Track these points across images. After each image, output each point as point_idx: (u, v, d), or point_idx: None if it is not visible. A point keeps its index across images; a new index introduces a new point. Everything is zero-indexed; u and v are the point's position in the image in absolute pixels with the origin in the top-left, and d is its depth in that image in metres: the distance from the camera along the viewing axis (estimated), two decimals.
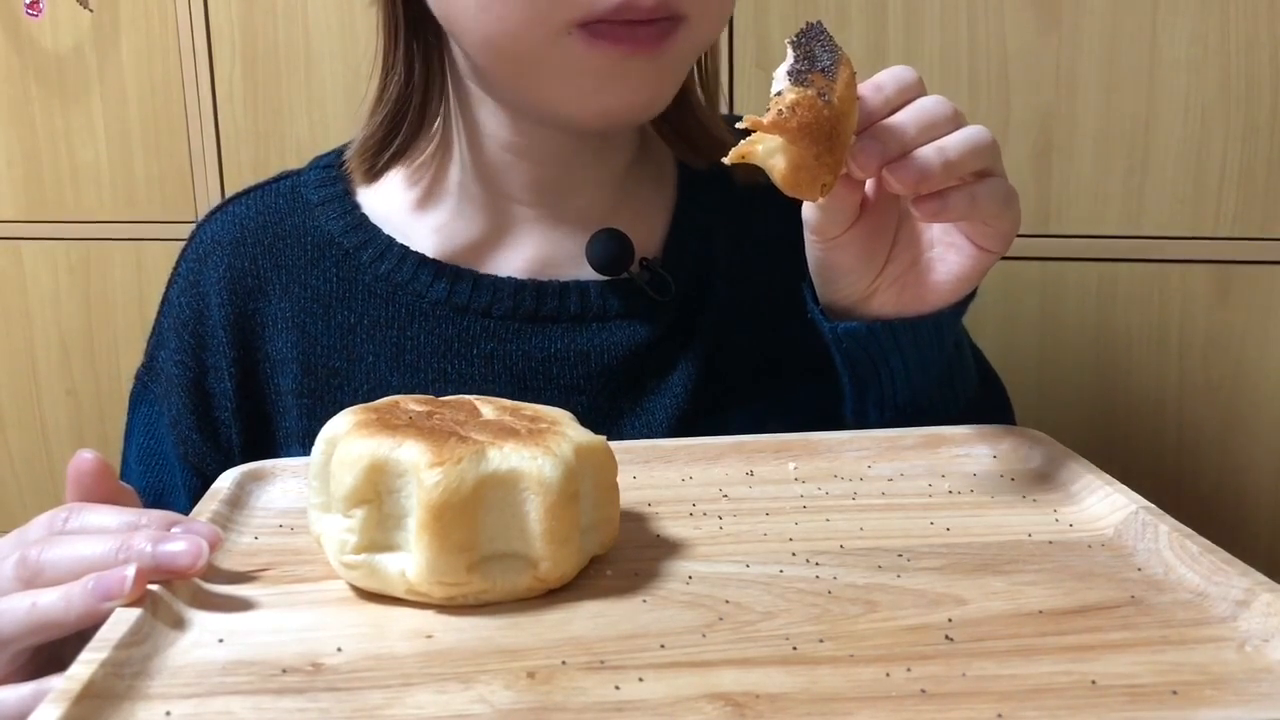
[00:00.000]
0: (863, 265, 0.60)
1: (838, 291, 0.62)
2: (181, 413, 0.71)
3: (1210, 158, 1.03)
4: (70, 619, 0.43)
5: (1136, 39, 1.02)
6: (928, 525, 0.51)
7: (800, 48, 0.51)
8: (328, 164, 0.75)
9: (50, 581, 0.44)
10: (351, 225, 0.72)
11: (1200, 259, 1.05)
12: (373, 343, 0.70)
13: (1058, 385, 1.10)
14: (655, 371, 0.70)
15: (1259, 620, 0.41)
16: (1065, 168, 1.06)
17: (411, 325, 0.70)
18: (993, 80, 1.05)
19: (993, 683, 0.38)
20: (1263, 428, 1.07)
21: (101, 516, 0.47)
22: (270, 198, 0.75)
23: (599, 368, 0.69)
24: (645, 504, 0.54)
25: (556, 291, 0.70)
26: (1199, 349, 1.06)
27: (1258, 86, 1.00)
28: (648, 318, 0.70)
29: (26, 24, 1.21)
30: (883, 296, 0.61)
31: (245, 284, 0.72)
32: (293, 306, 0.71)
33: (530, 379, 0.69)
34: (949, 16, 1.04)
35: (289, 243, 0.72)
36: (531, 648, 0.41)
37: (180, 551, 0.43)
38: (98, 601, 0.42)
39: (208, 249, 0.74)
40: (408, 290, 0.70)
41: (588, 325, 0.70)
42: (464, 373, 0.69)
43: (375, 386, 0.69)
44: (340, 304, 0.71)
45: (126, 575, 0.41)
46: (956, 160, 0.52)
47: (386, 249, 0.71)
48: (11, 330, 1.29)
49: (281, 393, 0.70)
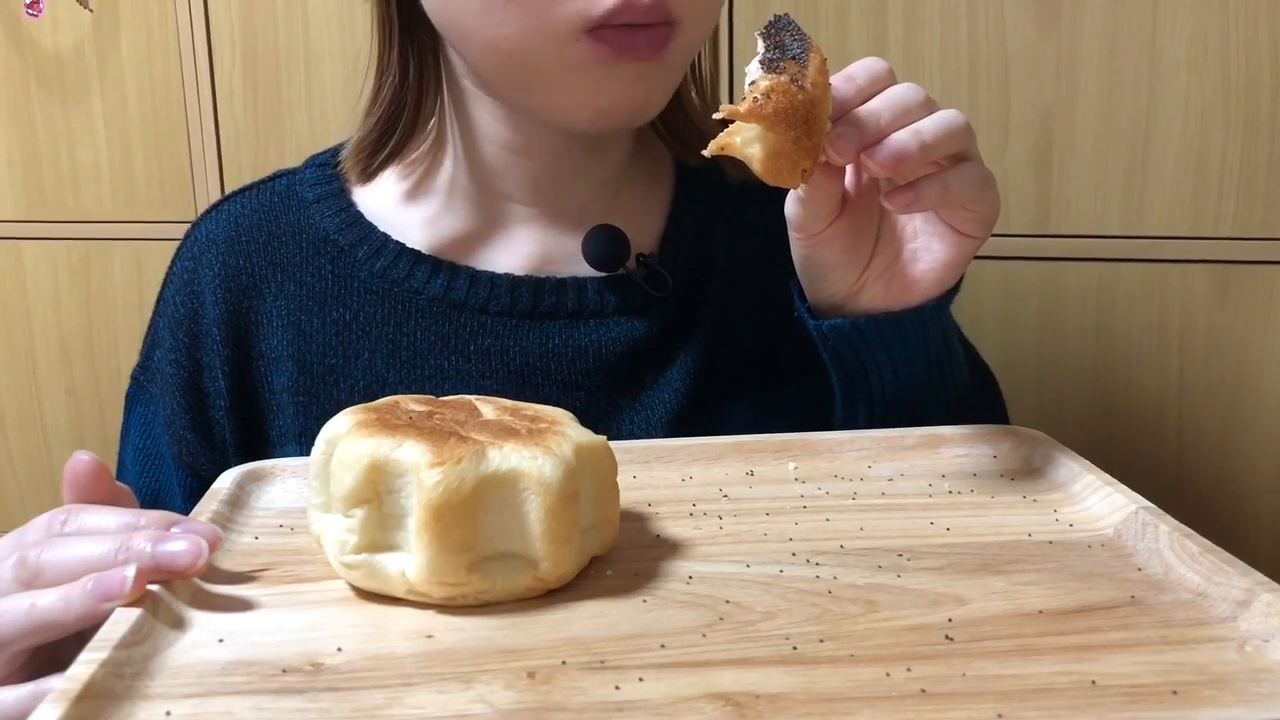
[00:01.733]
0: (848, 260, 0.60)
1: (825, 288, 0.62)
2: (176, 412, 0.71)
3: (1210, 157, 1.03)
4: (69, 620, 0.43)
5: (1137, 39, 1.02)
6: (928, 525, 0.51)
7: (770, 38, 0.52)
8: (323, 162, 0.75)
9: (50, 582, 0.44)
10: (347, 222, 0.72)
11: (1200, 259, 1.05)
12: (369, 340, 0.70)
13: (1058, 385, 1.10)
14: (653, 367, 0.70)
15: (1259, 620, 0.41)
16: (1065, 167, 1.06)
17: (408, 322, 0.70)
18: (993, 80, 1.05)
19: (993, 683, 0.38)
20: (1263, 427, 1.07)
21: (100, 518, 0.47)
22: (265, 196, 0.75)
23: (597, 364, 0.69)
24: (645, 504, 0.54)
25: (554, 288, 0.70)
26: (1199, 349, 1.06)
27: (1258, 86, 1.00)
28: (645, 314, 0.70)
29: (26, 24, 1.21)
30: (870, 291, 0.61)
31: (240, 282, 0.72)
32: (288, 304, 0.71)
33: (528, 375, 0.69)
34: (949, 16, 1.04)
35: (284, 240, 0.73)
36: (532, 648, 0.41)
37: (180, 551, 0.43)
38: (97, 602, 0.42)
39: (203, 247, 0.74)
40: (404, 287, 0.70)
41: (585, 321, 0.70)
42: (461, 369, 0.69)
43: (372, 383, 0.69)
44: (336, 301, 0.71)
45: (126, 576, 0.41)
46: (932, 142, 0.52)
47: (382, 245, 0.71)
48: (11, 330, 1.29)
49: (276, 391, 0.70)
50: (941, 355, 0.65)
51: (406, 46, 0.68)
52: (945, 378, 0.66)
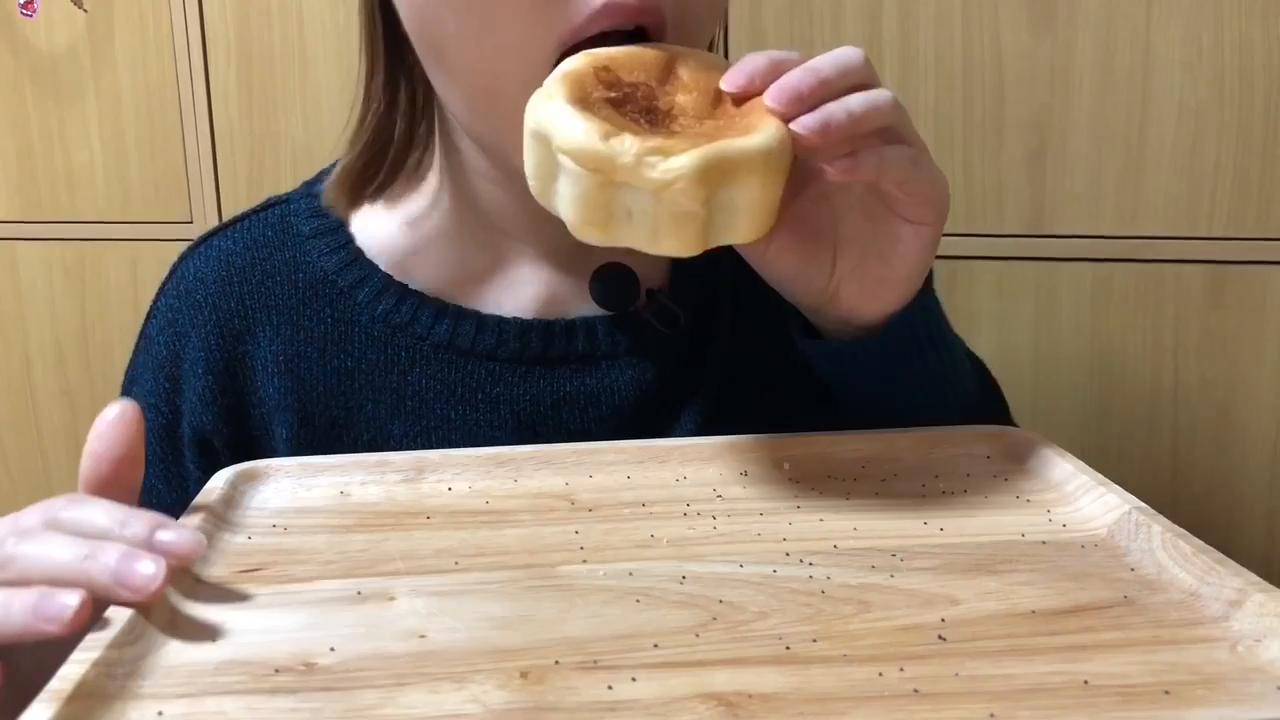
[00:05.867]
0: (811, 269, 0.59)
1: (800, 298, 0.61)
2: (150, 460, 0.66)
3: (1204, 158, 1.03)
4: (8, 630, 0.41)
5: (1130, 39, 1.02)
6: (921, 525, 0.51)
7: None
8: (318, 191, 0.72)
9: (14, 575, 0.43)
10: (346, 261, 0.69)
11: (1194, 259, 1.05)
12: (372, 389, 0.67)
13: (1052, 385, 1.10)
14: (666, 408, 0.68)
15: (1251, 620, 0.41)
16: (1060, 168, 1.06)
17: (413, 370, 0.67)
18: (987, 81, 1.05)
19: (986, 683, 0.38)
20: (1256, 427, 1.07)
21: (93, 512, 0.46)
22: (258, 229, 0.71)
23: (609, 410, 0.67)
24: (640, 504, 0.54)
25: (563, 331, 0.68)
26: (1193, 348, 1.07)
27: (1251, 87, 1.01)
28: (657, 353, 0.68)
29: (21, 24, 1.21)
30: (846, 293, 0.60)
31: (233, 326, 0.68)
32: (285, 348, 0.68)
33: (539, 424, 0.67)
34: (943, 18, 1.05)
35: (279, 280, 0.69)
36: (524, 647, 0.41)
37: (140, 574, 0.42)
38: (35, 621, 0.40)
39: (190, 286, 0.70)
40: (407, 332, 0.67)
41: (596, 365, 0.67)
42: (469, 419, 0.66)
43: (375, 436, 0.66)
44: (336, 347, 0.67)
45: (66, 603, 0.40)
46: (860, 112, 0.51)
47: (384, 288, 0.68)
48: (6, 331, 1.29)
49: (276, 440, 0.67)
50: (934, 366, 0.63)
51: (396, 72, 0.65)
52: (944, 391, 0.64)
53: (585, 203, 0.49)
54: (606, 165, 0.48)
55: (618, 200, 0.49)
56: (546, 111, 0.50)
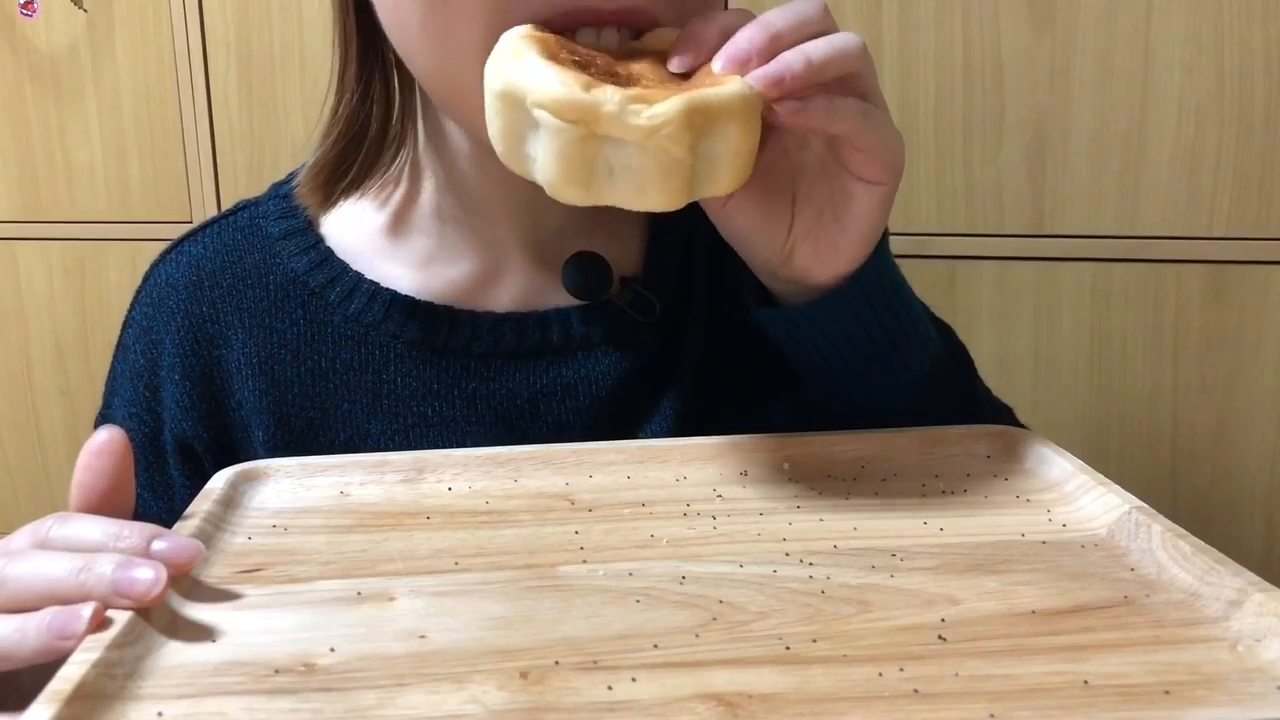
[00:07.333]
0: (769, 227, 0.58)
1: (756, 257, 0.60)
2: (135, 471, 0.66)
3: (1204, 158, 1.03)
4: (24, 654, 0.41)
5: (1131, 39, 1.02)
6: (921, 525, 0.51)
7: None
8: (286, 193, 0.71)
9: (9, 596, 0.43)
10: (316, 261, 0.68)
11: (1195, 259, 1.05)
12: (347, 389, 0.67)
13: (1052, 385, 1.10)
14: (644, 398, 0.68)
15: (1251, 620, 0.41)
16: (1060, 168, 1.06)
17: (387, 369, 0.67)
18: (987, 81, 1.05)
19: (985, 683, 0.38)
20: (1256, 427, 1.07)
21: (85, 528, 0.46)
22: (228, 233, 0.71)
23: (588, 401, 0.67)
24: (639, 503, 0.54)
25: (537, 324, 0.67)
26: (1193, 348, 1.07)
27: (1251, 86, 1.01)
28: (633, 341, 0.68)
29: (21, 23, 1.21)
30: (800, 253, 0.59)
31: (206, 331, 0.68)
32: (259, 351, 0.67)
33: (517, 419, 0.66)
34: (943, 17, 1.05)
35: (250, 284, 0.68)
36: (524, 648, 0.41)
37: (140, 580, 0.42)
38: (54, 639, 0.40)
39: (163, 293, 0.70)
40: (381, 331, 0.67)
41: (573, 356, 0.67)
42: (446, 416, 0.66)
43: (353, 435, 0.66)
44: (309, 348, 0.67)
45: (82, 615, 0.40)
46: (819, 61, 0.51)
47: (355, 287, 0.67)
48: (6, 331, 1.29)
49: (255, 443, 0.67)
50: (890, 327, 0.62)
51: (367, 61, 0.65)
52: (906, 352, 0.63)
53: (565, 159, 0.48)
54: (589, 116, 0.46)
55: (599, 156, 0.48)
56: (517, 69, 0.48)
